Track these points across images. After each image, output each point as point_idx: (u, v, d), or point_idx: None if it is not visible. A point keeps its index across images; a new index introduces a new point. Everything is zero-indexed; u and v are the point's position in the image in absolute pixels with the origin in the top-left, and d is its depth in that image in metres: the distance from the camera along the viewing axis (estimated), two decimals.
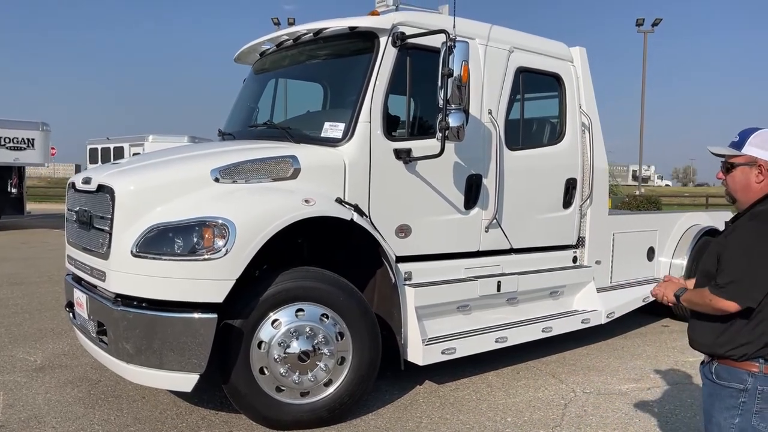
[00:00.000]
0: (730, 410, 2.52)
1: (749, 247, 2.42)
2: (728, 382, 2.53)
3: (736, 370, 2.51)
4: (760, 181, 2.54)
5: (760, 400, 2.48)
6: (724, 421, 2.54)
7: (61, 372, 5.27)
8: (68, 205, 4.83)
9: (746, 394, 2.49)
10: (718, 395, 2.57)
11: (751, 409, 2.50)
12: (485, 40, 5.23)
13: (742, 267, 2.42)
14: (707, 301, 2.49)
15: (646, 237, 7.08)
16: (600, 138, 6.22)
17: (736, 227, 2.56)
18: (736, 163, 2.59)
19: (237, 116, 5.88)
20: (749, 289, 2.40)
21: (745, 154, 2.55)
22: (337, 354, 4.16)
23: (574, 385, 5.16)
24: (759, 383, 2.47)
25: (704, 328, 2.60)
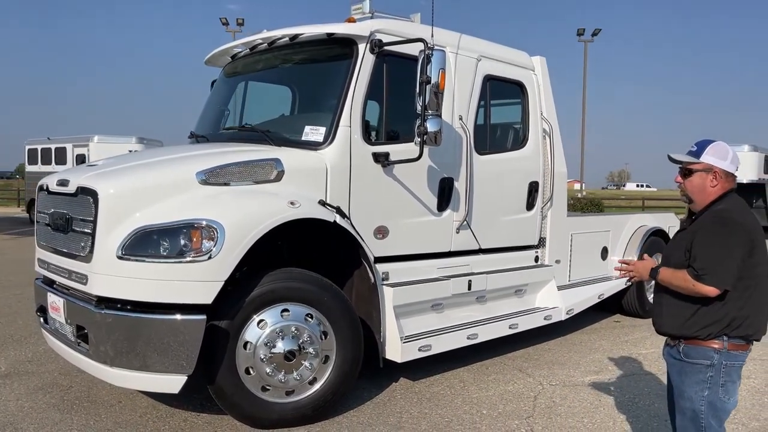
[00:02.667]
0: (700, 384, 2.83)
1: (715, 241, 2.77)
2: (696, 360, 2.84)
3: (702, 348, 2.82)
4: (714, 185, 2.92)
5: (725, 374, 2.81)
6: (695, 394, 2.84)
7: (28, 379, 5.14)
8: (39, 208, 4.73)
9: (713, 369, 2.80)
10: (688, 372, 2.87)
11: (717, 382, 2.81)
12: (455, 48, 5.44)
13: (714, 257, 2.75)
14: (690, 285, 2.78)
15: (601, 237, 7.47)
16: (560, 143, 6.54)
17: (701, 225, 2.89)
18: (695, 170, 2.95)
19: (208, 118, 5.88)
20: (724, 275, 2.73)
21: (703, 162, 2.92)
22: (321, 353, 4.26)
23: (541, 378, 5.43)
24: (723, 359, 2.80)
25: (672, 313, 2.91)
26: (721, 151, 2.92)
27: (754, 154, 19.71)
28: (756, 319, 2.84)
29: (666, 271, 2.91)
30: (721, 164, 2.90)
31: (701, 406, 2.83)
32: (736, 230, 2.78)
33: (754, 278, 2.80)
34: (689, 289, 2.80)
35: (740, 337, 2.81)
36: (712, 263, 2.74)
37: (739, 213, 2.86)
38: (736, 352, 2.82)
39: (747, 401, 4.95)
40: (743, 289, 2.78)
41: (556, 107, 6.55)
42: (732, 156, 2.93)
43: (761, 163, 19.74)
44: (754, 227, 2.84)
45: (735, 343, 2.81)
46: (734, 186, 2.96)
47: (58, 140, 20.63)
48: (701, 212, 2.96)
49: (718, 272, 2.73)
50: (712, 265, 2.74)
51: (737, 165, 2.95)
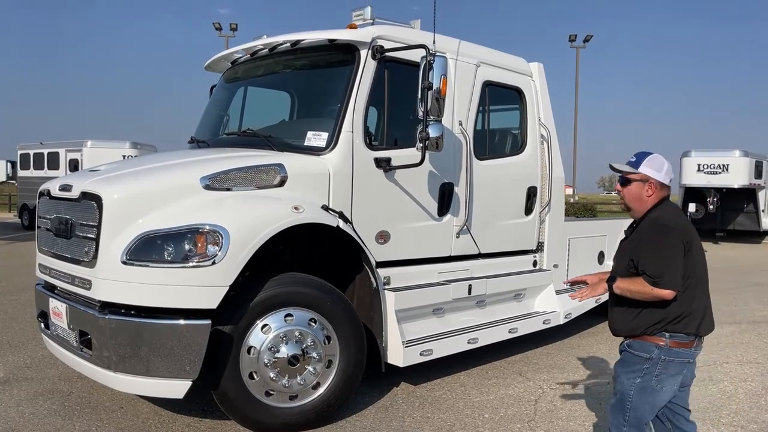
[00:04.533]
0: (634, 373, 3.04)
1: (658, 247, 2.97)
2: (637, 352, 3.05)
3: (646, 343, 3.03)
4: (650, 195, 3.13)
5: (662, 367, 3.01)
6: (627, 380, 3.06)
7: (28, 385, 5.11)
8: (40, 213, 4.72)
9: (650, 362, 3.01)
10: (627, 361, 3.10)
11: (652, 372, 3.01)
12: (455, 54, 5.48)
13: (662, 263, 2.94)
14: (649, 290, 2.94)
15: (597, 242, 7.52)
16: (557, 148, 6.60)
17: (641, 234, 3.09)
18: (633, 179, 3.17)
19: (209, 123, 5.90)
20: (675, 277, 2.93)
21: (641, 173, 3.13)
22: (324, 357, 4.27)
23: (541, 382, 5.46)
24: (663, 354, 3.00)
25: (620, 316, 3.12)
26: (657, 163, 3.14)
27: (745, 159, 19.92)
28: (697, 315, 3.02)
29: (622, 281, 3.06)
30: (657, 176, 3.12)
31: (630, 390, 3.04)
32: (672, 234, 2.97)
33: (693, 277, 3.00)
34: (648, 294, 2.94)
35: (683, 333, 2.99)
36: (662, 268, 2.92)
37: (672, 218, 3.06)
38: (677, 349, 3.00)
39: (744, 404, 5.00)
40: (683, 288, 2.96)
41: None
42: (667, 168, 3.15)
43: (752, 168, 19.95)
44: (686, 229, 3.05)
45: (677, 340, 2.99)
46: (668, 194, 3.18)
47: (51, 145, 20.54)
48: (640, 220, 3.16)
49: (670, 276, 2.92)
50: (663, 270, 2.92)
51: (671, 177, 3.19)
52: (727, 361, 6.24)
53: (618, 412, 3.10)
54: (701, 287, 3.06)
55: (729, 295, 10.31)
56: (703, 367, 6.02)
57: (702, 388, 5.36)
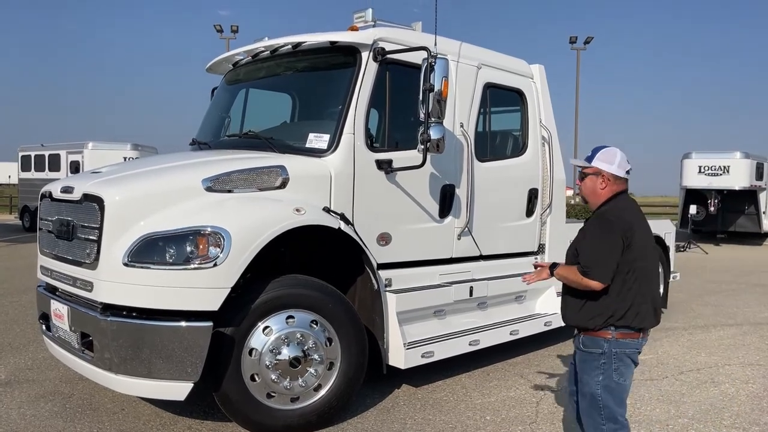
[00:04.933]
0: (595, 371, 3.14)
1: (595, 239, 3.11)
2: (591, 349, 3.16)
3: (596, 338, 3.13)
4: (603, 187, 3.22)
5: (616, 360, 3.11)
6: (592, 380, 3.16)
7: (29, 386, 5.11)
8: (42, 215, 4.73)
9: (605, 356, 3.11)
10: (585, 360, 3.20)
11: (610, 367, 3.11)
12: (456, 56, 5.48)
13: (594, 254, 3.07)
14: (579, 279, 3.09)
15: None
16: (558, 150, 6.60)
17: (586, 225, 3.26)
18: (587, 173, 3.28)
19: (210, 125, 5.90)
20: (604, 269, 3.04)
21: (593, 166, 3.24)
22: (326, 359, 4.27)
23: (542, 384, 5.45)
24: (613, 347, 3.10)
25: (569, 306, 3.26)
26: (609, 156, 3.22)
27: (746, 161, 19.91)
28: (640, 309, 3.10)
29: (562, 268, 3.24)
30: (609, 168, 3.20)
31: (597, 389, 3.14)
32: (613, 228, 3.06)
33: (634, 272, 3.08)
34: (579, 284, 3.10)
35: (626, 326, 3.08)
36: (593, 259, 3.06)
37: (619, 212, 3.14)
38: (625, 340, 3.10)
39: (746, 406, 5.00)
40: (622, 282, 3.06)
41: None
42: (619, 161, 3.21)
43: (753, 169, 19.94)
44: (631, 225, 3.10)
45: (623, 332, 3.09)
46: (624, 188, 3.26)
47: (52, 147, 20.59)
48: (594, 212, 3.29)
49: (599, 267, 3.04)
50: (593, 261, 3.05)
51: (626, 169, 3.23)
52: (728, 363, 6.24)
53: (593, 412, 3.19)
54: (646, 281, 3.13)
55: (730, 297, 10.30)
56: (704, 369, 6.02)
57: (703, 391, 5.36)
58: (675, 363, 6.23)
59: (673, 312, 8.79)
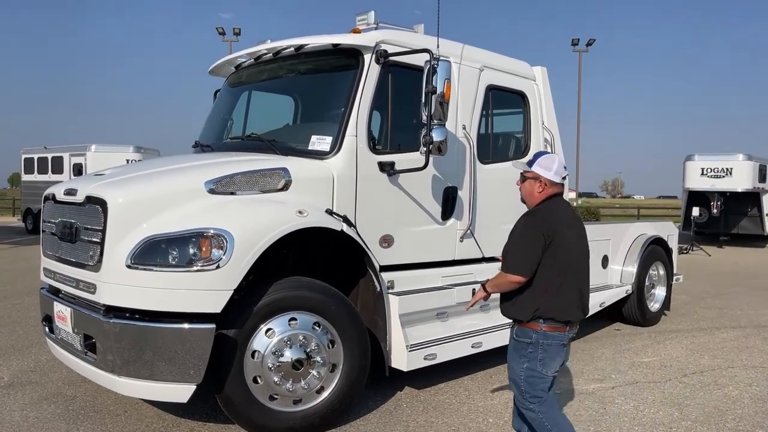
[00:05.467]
0: (521, 358, 3.38)
1: (519, 235, 3.36)
2: (521, 338, 3.39)
3: (526, 329, 3.36)
4: (540, 191, 3.46)
5: (542, 350, 3.33)
6: (517, 366, 3.41)
7: (32, 389, 5.12)
8: (45, 217, 4.74)
9: (532, 346, 3.34)
10: (516, 348, 3.44)
11: (536, 357, 3.34)
12: (458, 58, 5.49)
13: (515, 250, 3.34)
14: (503, 278, 3.36)
15: (601, 246, 7.51)
16: (561, 152, 6.59)
17: (517, 222, 3.46)
18: (527, 176, 3.51)
19: (213, 128, 5.91)
20: (522, 263, 3.28)
21: (533, 171, 3.46)
22: (328, 361, 4.27)
23: None
24: (540, 338, 3.32)
25: (505, 300, 3.50)
26: (548, 163, 3.45)
27: (749, 163, 19.89)
28: (565, 304, 3.31)
29: (489, 283, 3.47)
30: (546, 174, 3.42)
31: (521, 375, 3.38)
32: (535, 227, 3.30)
33: (559, 268, 3.28)
34: (505, 282, 3.35)
35: (552, 319, 3.29)
36: (514, 254, 3.32)
37: (546, 213, 3.37)
38: (552, 333, 3.31)
39: (750, 408, 4.99)
40: (547, 278, 3.28)
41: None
42: (557, 168, 3.43)
43: (755, 172, 19.91)
44: (555, 224, 3.32)
45: (550, 325, 3.30)
46: (559, 191, 3.48)
47: (55, 149, 20.65)
48: None
49: (519, 261, 3.29)
50: (514, 256, 3.32)
51: (562, 175, 3.46)
52: (732, 366, 6.22)
53: (519, 396, 3.46)
54: (571, 277, 3.34)
55: (733, 299, 10.28)
56: (707, 372, 6.01)
57: (707, 393, 5.35)
58: (678, 366, 6.22)
59: (676, 314, 8.78)
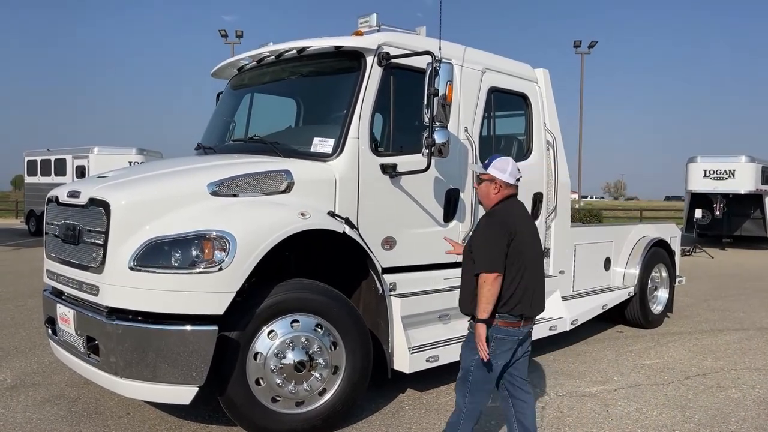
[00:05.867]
0: (473, 350, 3.48)
1: (485, 236, 3.48)
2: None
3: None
4: (496, 192, 3.60)
5: (495, 343, 3.45)
6: (468, 357, 3.53)
7: (35, 390, 5.13)
8: (48, 219, 4.75)
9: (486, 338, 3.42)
10: (469, 340, 3.57)
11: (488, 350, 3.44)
12: (461, 61, 5.49)
13: (485, 249, 3.43)
14: (481, 283, 3.37)
15: (604, 248, 7.51)
16: (563, 154, 6.60)
17: (478, 224, 3.63)
18: (483, 178, 3.65)
19: (215, 130, 5.92)
20: (497, 260, 3.38)
21: (488, 173, 3.60)
22: (331, 363, 4.27)
23: (548, 388, 5.44)
24: (495, 333, 3.44)
25: (463, 297, 3.63)
26: (502, 165, 3.60)
27: (752, 165, 19.85)
28: (522, 300, 3.43)
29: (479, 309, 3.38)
30: (501, 176, 3.57)
31: (472, 365, 3.49)
32: (497, 227, 3.44)
33: (517, 266, 3.42)
34: (486, 288, 3.35)
35: (509, 314, 3.42)
36: (484, 255, 3.42)
37: (505, 213, 3.52)
38: (506, 328, 3.44)
39: (753, 411, 4.97)
40: (506, 275, 3.40)
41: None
42: (511, 170, 3.59)
43: (759, 173, 19.87)
44: (514, 223, 3.48)
45: (506, 320, 3.43)
46: (514, 192, 3.65)
47: (58, 151, 20.69)
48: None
49: (491, 260, 3.38)
50: (484, 257, 3.41)
51: (516, 177, 3.62)
52: (735, 368, 6.21)
53: (462, 384, 3.57)
54: (529, 273, 3.48)
55: (736, 301, 10.26)
56: (710, 374, 6.00)
57: (710, 395, 5.34)
58: (681, 368, 6.21)
59: (679, 316, 8.76)
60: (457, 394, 3.64)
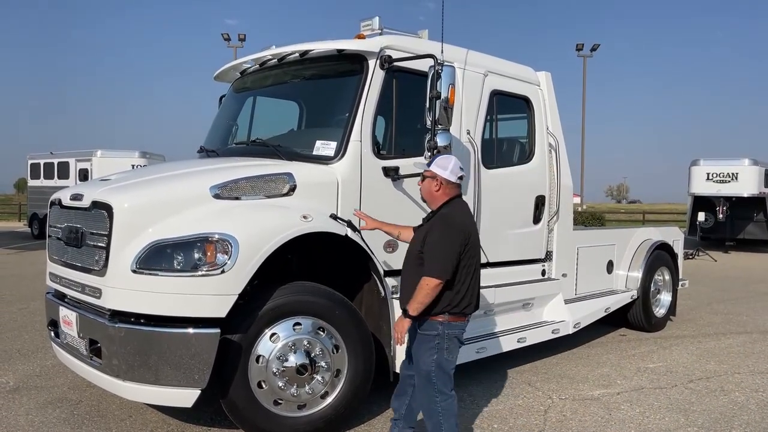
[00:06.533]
0: (430, 350, 3.63)
1: (440, 240, 3.56)
2: (427, 331, 3.65)
3: (432, 322, 3.63)
4: (437, 189, 3.74)
5: (448, 340, 3.64)
6: (427, 359, 3.64)
7: (37, 393, 5.13)
8: (51, 222, 4.76)
9: (439, 337, 3.62)
10: (421, 341, 3.68)
11: (443, 347, 3.63)
12: (463, 64, 5.49)
13: (435, 252, 3.53)
14: (425, 286, 3.50)
15: (606, 251, 7.49)
16: (565, 157, 6.59)
17: (432, 225, 3.67)
18: (426, 176, 3.80)
19: (218, 133, 5.93)
20: (448, 267, 3.51)
21: (431, 170, 3.75)
22: (333, 366, 4.26)
23: (550, 392, 5.43)
24: (446, 329, 3.62)
25: (408, 294, 3.66)
26: (444, 162, 3.75)
27: (755, 168, 19.83)
28: (469, 299, 3.65)
29: (411, 305, 3.55)
30: (443, 173, 3.70)
31: (432, 367, 3.63)
32: (456, 232, 3.56)
33: (468, 267, 3.60)
34: (429, 291, 3.50)
35: (456, 307, 3.60)
36: (437, 260, 3.51)
37: (460, 216, 3.67)
38: (455, 323, 3.64)
39: (756, 414, 4.96)
40: (460, 276, 3.55)
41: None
42: (452, 167, 3.72)
43: (761, 177, 19.84)
44: (469, 225, 3.66)
45: (454, 317, 3.61)
46: (458, 192, 3.79)
47: (61, 155, 20.75)
48: (434, 212, 3.77)
49: (443, 266, 3.50)
50: (436, 262, 3.51)
51: (458, 175, 3.74)
52: (738, 372, 6.19)
53: (427, 387, 3.67)
54: (475, 275, 3.67)
55: (740, 304, 10.23)
56: (714, 377, 5.98)
57: (713, 399, 5.32)
58: (684, 371, 6.19)
59: (682, 320, 8.74)
60: (425, 399, 3.73)
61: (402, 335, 3.64)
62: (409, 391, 3.98)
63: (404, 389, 4.02)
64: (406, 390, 4.01)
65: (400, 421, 4.07)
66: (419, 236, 3.74)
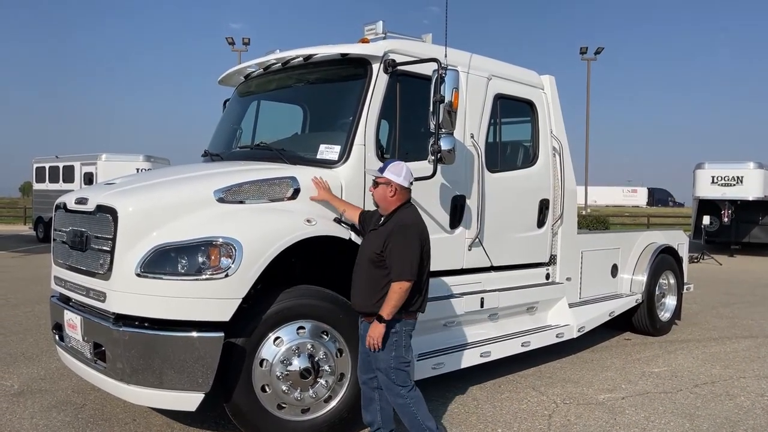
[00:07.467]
0: (389, 348, 3.79)
1: (405, 245, 3.73)
2: (386, 330, 3.75)
3: (390, 320, 3.73)
4: (392, 195, 3.88)
5: (405, 336, 3.84)
6: (386, 356, 3.79)
7: (42, 396, 5.14)
8: (56, 226, 4.78)
9: (397, 335, 3.80)
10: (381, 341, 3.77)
11: (401, 344, 3.82)
12: (466, 67, 5.50)
13: (402, 257, 3.70)
14: (398, 290, 3.68)
15: (610, 255, 7.48)
16: (569, 161, 6.59)
17: (391, 232, 3.78)
18: (379, 182, 3.91)
19: (222, 137, 5.94)
20: (413, 269, 3.70)
21: (384, 177, 3.87)
22: (336, 370, 4.26)
23: (554, 396, 5.41)
24: (403, 326, 3.82)
25: (363, 296, 3.87)
26: (397, 169, 3.88)
27: (760, 171, 19.75)
28: (424, 297, 3.89)
29: (385, 309, 3.70)
30: (396, 179, 3.85)
31: (391, 363, 3.79)
32: (416, 236, 3.77)
33: (426, 268, 3.84)
34: (401, 294, 3.69)
35: (413, 310, 3.83)
36: (403, 263, 3.68)
37: (416, 221, 3.86)
38: (410, 320, 3.87)
39: (762, 419, 4.93)
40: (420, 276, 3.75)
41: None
42: (405, 174, 3.87)
43: (767, 180, 19.74)
44: (425, 230, 3.89)
45: (408, 314, 3.83)
46: (409, 197, 3.96)
47: (66, 158, 20.82)
48: (388, 217, 3.89)
49: (409, 268, 3.68)
50: (403, 265, 3.68)
51: (410, 180, 3.91)
52: (743, 376, 6.16)
53: (390, 384, 3.82)
54: (428, 276, 3.93)
55: (745, 308, 10.18)
56: (719, 382, 5.95)
57: (718, 403, 5.30)
58: (689, 376, 6.17)
59: (688, 324, 8.71)
60: (392, 395, 3.87)
61: (378, 341, 3.74)
62: (375, 395, 4.05)
63: (369, 396, 4.08)
64: (371, 396, 4.07)
65: (381, 430, 4.13)
66: (376, 240, 3.83)
